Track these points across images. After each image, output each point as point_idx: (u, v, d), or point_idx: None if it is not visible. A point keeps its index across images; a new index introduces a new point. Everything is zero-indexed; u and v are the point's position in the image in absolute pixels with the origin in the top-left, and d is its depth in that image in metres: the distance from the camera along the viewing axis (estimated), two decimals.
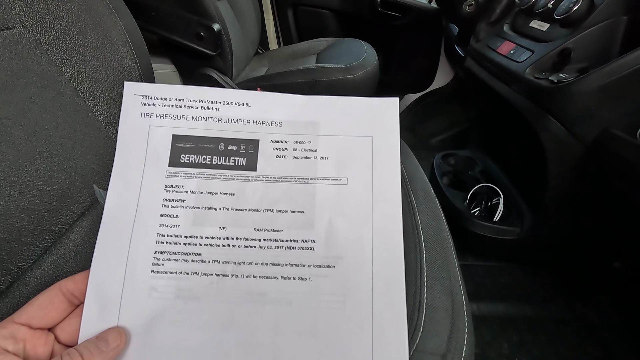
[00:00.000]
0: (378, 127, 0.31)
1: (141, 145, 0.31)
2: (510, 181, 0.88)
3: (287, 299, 0.27)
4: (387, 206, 0.29)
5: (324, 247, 0.28)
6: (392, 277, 0.27)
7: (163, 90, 0.33)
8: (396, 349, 0.25)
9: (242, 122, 0.31)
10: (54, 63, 0.47)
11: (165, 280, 0.27)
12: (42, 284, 0.40)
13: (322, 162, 0.30)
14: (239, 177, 0.30)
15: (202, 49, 0.98)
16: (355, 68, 1.06)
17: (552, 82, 0.58)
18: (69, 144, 0.47)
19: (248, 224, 0.28)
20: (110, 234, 0.29)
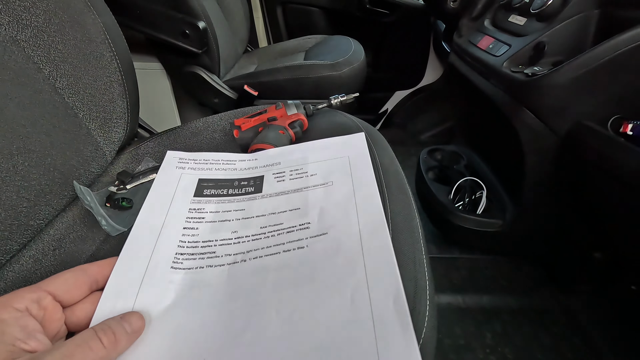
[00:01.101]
0: (352, 150, 0.42)
1: (172, 185, 0.40)
2: (493, 174, 0.89)
3: (287, 264, 0.31)
4: (365, 189, 0.37)
5: (317, 224, 0.34)
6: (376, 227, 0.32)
7: (195, 155, 0.45)
8: (389, 278, 0.28)
9: (252, 169, 0.42)
10: (31, 60, 0.48)
11: (182, 275, 0.31)
12: (20, 278, 0.41)
13: (312, 177, 0.39)
14: (249, 198, 0.38)
15: (188, 47, 0.98)
16: (341, 65, 1.07)
17: (527, 76, 0.59)
18: (47, 141, 0.47)
19: (255, 226, 0.34)
20: (138, 237, 0.34)
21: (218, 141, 0.59)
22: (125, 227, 0.47)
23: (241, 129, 0.54)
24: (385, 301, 0.27)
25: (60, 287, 0.26)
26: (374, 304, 0.27)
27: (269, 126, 0.52)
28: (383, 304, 0.27)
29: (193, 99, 1.20)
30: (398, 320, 0.25)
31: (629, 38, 0.52)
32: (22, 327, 0.22)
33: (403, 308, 0.26)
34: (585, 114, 0.56)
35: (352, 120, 0.60)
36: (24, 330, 0.22)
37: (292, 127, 0.52)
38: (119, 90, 0.59)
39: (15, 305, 0.23)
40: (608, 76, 0.53)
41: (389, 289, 0.28)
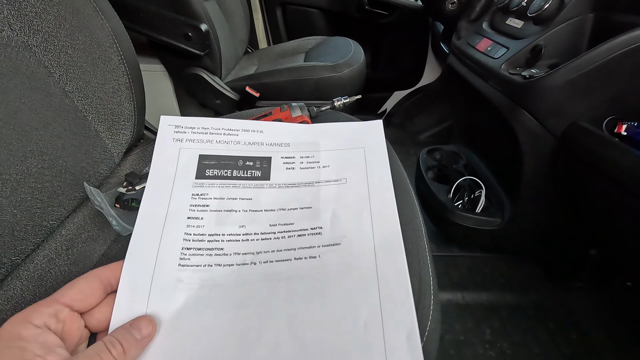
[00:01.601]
0: (368, 141, 0.39)
1: (172, 164, 0.36)
2: (492, 174, 0.91)
3: (299, 275, 0.30)
4: (382, 194, 0.35)
5: (329, 230, 0.33)
6: (392, 246, 0.31)
7: (191, 121, 0.39)
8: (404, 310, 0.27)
9: (257, 144, 0.38)
10: (42, 64, 0.49)
11: (190, 273, 0.30)
12: (35, 277, 0.42)
13: (325, 170, 0.37)
14: (255, 185, 0.35)
15: (190, 49, 0.99)
16: (341, 66, 1.09)
17: (524, 78, 0.60)
18: (59, 143, 0.48)
19: (264, 221, 0.33)
20: (142, 232, 0.32)
21: None
22: None
23: None
24: (398, 335, 0.26)
25: (76, 297, 0.26)
26: (387, 337, 0.26)
27: None
28: (396, 338, 0.26)
29: (195, 100, 1.21)
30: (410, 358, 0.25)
31: (622, 41, 0.53)
32: (42, 343, 0.22)
33: (416, 345, 0.26)
34: (581, 115, 0.58)
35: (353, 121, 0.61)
36: (44, 346, 0.22)
37: None
38: (127, 93, 0.60)
39: (34, 322, 0.23)
40: (603, 78, 0.54)
41: (403, 322, 0.27)
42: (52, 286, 0.40)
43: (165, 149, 0.37)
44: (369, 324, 0.27)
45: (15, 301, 0.39)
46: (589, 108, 0.58)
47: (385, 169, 0.37)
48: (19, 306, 0.38)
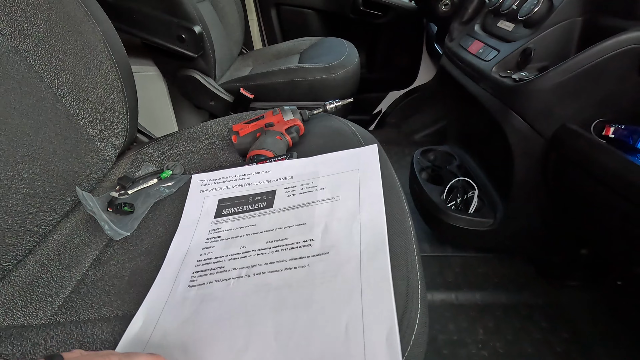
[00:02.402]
0: (362, 163, 0.43)
1: (197, 210, 0.44)
2: (484, 174, 0.92)
3: (288, 284, 0.32)
4: (372, 205, 0.37)
5: (320, 242, 0.35)
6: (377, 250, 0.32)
7: (215, 174, 0.49)
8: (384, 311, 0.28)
9: (266, 182, 0.45)
10: (33, 69, 0.49)
11: (195, 291, 0.33)
12: (27, 282, 0.42)
13: (321, 191, 0.41)
14: (260, 213, 0.40)
15: (184, 51, 0.99)
16: (335, 67, 1.09)
17: (515, 81, 0.61)
18: (50, 148, 0.48)
19: (262, 240, 0.37)
20: (168, 266, 0.38)
21: (216, 146, 0.61)
22: (128, 231, 0.48)
23: (239, 135, 0.55)
24: (378, 336, 0.26)
25: None
26: (367, 338, 0.26)
27: (267, 132, 0.53)
28: (376, 338, 0.26)
29: (189, 102, 1.21)
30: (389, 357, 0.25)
31: (610, 45, 0.54)
32: None
33: (395, 346, 0.25)
34: (570, 118, 0.59)
35: (346, 124, 0.62)
36: None
37: (289, 132, 0.54)
38: (119, 97, 0.60)
39: None
40: (591, 81, 0.55)
41: (382, 324, 0.27)
42: (43, 291, 0.41)
43: (194, 199, 0.46)
44: (349, 326, 0.27)
45: (7, 307, 0.39)
46: (577, 111, 0.58)
47: (377, 184, 0.39)
48: (10, 312, 0.38)
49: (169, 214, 0.49)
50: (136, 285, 0.39)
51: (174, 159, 0.60)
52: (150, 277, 0.39)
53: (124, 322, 0.34)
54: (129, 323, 0.33)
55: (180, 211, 0.48)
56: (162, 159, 0.61)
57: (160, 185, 0.54)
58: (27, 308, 0.39)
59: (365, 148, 0.45)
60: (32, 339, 0.33)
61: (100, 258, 0.45)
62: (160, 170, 0.57)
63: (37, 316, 0.38)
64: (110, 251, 0.46)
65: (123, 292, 0.39)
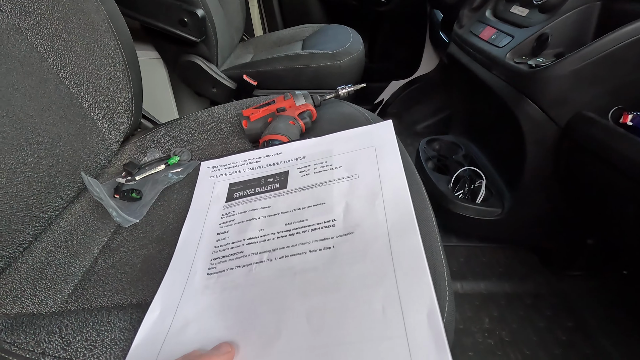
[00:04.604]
0: (378, 140, 0.41)
1: (207, 195, 0.43)
2: (492, 164, 0.91)
3: (314, 266, 0.30)
4: (394, 181, 0.36)
5: (343, 222, 0.33)
6: (406, 227, 0.31)
7: (224, 160, 0.47)
8: (422, 289, 0.26)
9: (277, 164, 0.43)
10: (35, 49, 0.47)
11: (215, 279, 0.32)
12: (35, 270, 0.41)
13: (337, 170, 0.39)
14: (274, 194, 0.39)
15: (186, 36, 0.96)
16: (340, 54, 1.07)
17: (530, 67, 0.60)
18: (54, 131, 0.47)
19: (280, 222, 0.35)
20: (181, 253, 0.36)
21: (225, 132, 0.59)
22: (137, 218, 0.47)
23: (250, 120, 0.54)
24: (418, 316, 0.25)
25: None
26: (407, 319, 0.25)
27: (279, 117, 0.52)
28: (416, 318, 0.25)
29: (190, 89, 1.18)
30: (433, 339, 0.23)
31: (629, 31, 0.53)
32: None
33: (437, 325, 0.24)
34: (586, 105, 0.58)
35: (359, 110, 0.60)
36: None
37: (302, 117, 0.53)
38: (123, 81, 0.58)
39: None
40: (609, 68, 0.54)
41: (422, 302, 0.26)
42: (52, 279, 0.39)
43: (203, 186, 0.44)
44: (386, 307, 0.26)
45: (15, 294, 0.38)
46: (594, 98, 0.57)
47: (396, 160, 0.38)
48: (19, 300, 0.37)
49: (178, 201, 0.48)
50: (149, 272, 0.38)
51: (180, 145, 0.59)
52: (163, 265, 0.38)
53: (140, 310, 0.33)
54: (145, 311, 0.31)
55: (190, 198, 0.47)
56: (168, 145, 0.59)
57: (168, 171, 0.53)
58: (35, 296, 0.37)
59: (380, 124, 0.43)
60: (46, 327, 0.31)
61: (110, 245, 0.43)
62: (167, 157, 0.56)
63: (47, 304, 0.37)
64: (119, 238, 0.44)
65: (136, 280, 0.38)
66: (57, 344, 0.30)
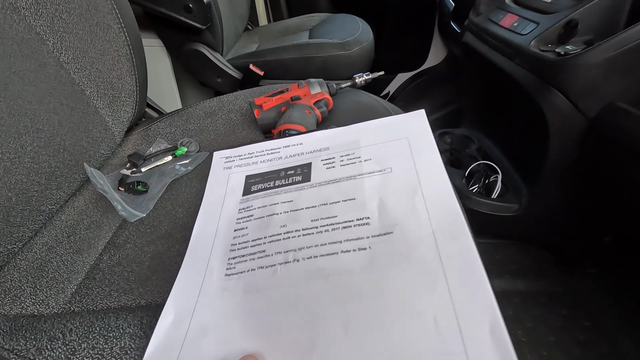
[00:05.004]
0: (411, 131, 0.37)
1: (222, 188, 0.39)
2: (508, 158, 0.88)
3: (348, 269, 0.27)
4: (434, 178, 0.32)
5: (378, 220, 0.30)
6: (454, 228, 0.28)
7: (239, 150, 0.43)
8: (481, 297, 0.23)
9: (298, 155, 0.40)
10: (34, 30, 0.43)
11: (235, 280, 0.29)
12: (35, 267, 0.38)
13: (367, 163, 0.36)
14: (296, 188, 0.36)
15: (191, 22, 0.92)
16: (350, 44, 1.03)
17: (559, 55, 0.56)
18: (55, 119, 0.44)
19: (305, 218, 0.32)
20: (195, 250, 0.33)
21: (235, 122, 0.56)
22: (143, 212, 0.44)
23: (262, 109, 0.51)
24: (479, 330, 0.22)
25: None
26: (466, 333, 0.22)
27: (294, 105, 0.49)
28: (477, 333, 0.22)
29: (194, 79, 1.15)
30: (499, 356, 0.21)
31: None
32: None
33: (503, 339, 0.21)
34: (618, 95, 0.55)
35: (376, 100, 0.57)
36: None
37: (318, 106, 0.50)
38: (127, 66, 0.55)
39: None
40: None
41: (482, 313, 0.22)
42: (54, 277, 0.37)
43: (217, 177, 0.41)
44: (439, 318, 0.23)
45: (14, 293, 0.35)
46: (627, 88, 0.54)
47: (434, 154, 0.34)
48: (18, 299, 0.35)
49: (187, 194, 0.45)
50: (158, 271, 0.36)
51: (188, 136, 0.56)
52: (173, 263, 0.36)
53: (150, 313, 0.30)
54: (155, 314, 0.29)
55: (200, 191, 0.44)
56: (175, 136, 0.57)
57: (175, 163, 0.50)
58: (36, 295, 0.35)
59: (412, 114, 0.39)
60: (48, 332, 0.29)
61: (115, 241, 0.41)
62: (174, 147, 0.53)
63: (49, 305, 0.34)
64: (125, 233, 0.42)
65: (144, 279, 0.35)
66: (60, 352, 0.27)
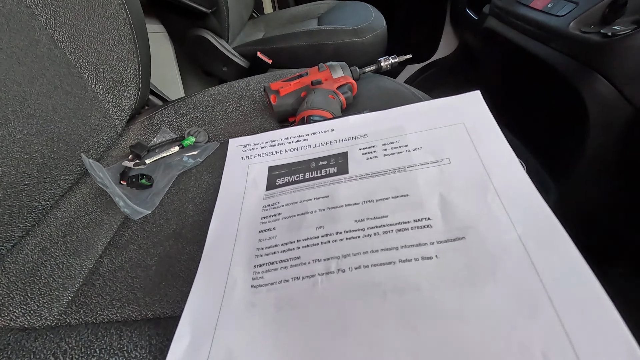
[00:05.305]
0: (467, 115, 0.32)
1: (241, 181, 0.35)
2: (533, 152, 0.83)
3: (413, 284, 0.22)
4: (507, 170, 0.27)
5: (442, 222, 0.25)
6: (547, 233, 0.23)
7: (259, 137, 0.39)
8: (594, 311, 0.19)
9: (330, 144, 0.35)
10: (24, 3, 0.38)
11: (264, 294, 0.24)
12: (26, 272, 0.33)
13: (417, 152, 0.31)
14: (332, 181, 0.31)
15: (196, 6, 0.87)
16: (364, 30, 0.98)
17: (605, 36, 0.51)
18: (48, 104, 0.39)
19: (346, 218, 0.27)
20: (211, 256, 0.29)
21: (247, 109, 0.51)
22: (149, 209, 0.39)
23: (279, 94, 0.45)
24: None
25: None
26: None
27: (315, 90, 0.44)
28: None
29: (198, 68, 1.10)
30: None
31: None
32: None
33: None
34: None
35: (403, 86, 0.52)
36: None
37: (342, 91, 0.45)
38: (129, 47, 0.50)
39: None
40: None
41: (611, 349, 0.17)
42: (47, 283, 0.32)
43: (234, 169, 0.36)
44: (550, 354, 0.18)
45: (1, 302, 0.30)
46: None
47: (502, 142, 0.29)
48: (6, 309, 0.30)
49: (197, 189, 0.40)
50: (167, 277, 0.31)
51: (195, 125, 0.51)
52: (184, 268, 0.31)
53: (159, 329, 0.26)
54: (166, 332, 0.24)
55: (212, 186, 0.39)
56: (181, 125, 0.52)
57: (182, 154, 0.45)
58: (27, 305, 0.30)
59: (466, 95, 0.34)
60: (38, 353, 0.24)
61: (117, 241, 0.36)
62: (181, 138, 0.48)
63: (41, 315, 0.29)
64: (128, 233, 0.37)
65: (151, 286, 0.30)
66: None
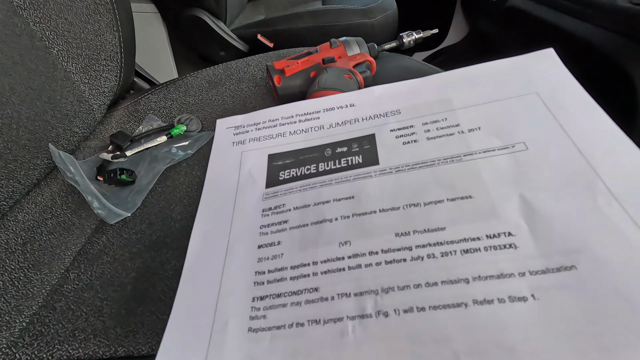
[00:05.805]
0: (540, 81, 0.25)
1: (232, 174, 0.27)
2: None
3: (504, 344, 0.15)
4: (618, 158, 0.19)
5: (532, 239, 0.17)
6: None
7: (255, 116, 0.31)
8: None
9: (349, 123, 0.27)
10: None
11: (268, 342, 0.17)
12: None
13: (474, 135, 0.23)
14: (357, 176, 0.23)
15: None
16: (374, 11, 0.90)
17: None
18: (5, 83, 0.32)
19: (383, 230, 0.19)
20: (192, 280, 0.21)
21: (247, 93, 0.44)
22: (128, 211, 0.33)
23: (284, 74, 0.38)
24: None
25: None
26: None
27: (328, 69, 0.37)
28: None
29: (193, 51, 1.02)
30: None
31: None
32: None
33: None
34: None
35: (427, 66, 0.45)
36: None
37: (360, 70, 0.38)
38: (108, 19, 0.43)
39: None
40: None
41: None
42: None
43: (222, 158, 0.29)
44: None
45: None
46: None
47: (601, 117, 0.21)
48: None
49: (187, 186, 0.34)
50: (145, 300, 0.25)
51: (187, 111, 0.45)
52: (167, 288, 0.25)
53: None
54: None
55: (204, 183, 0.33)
56: (171, 111, 0.45)
57: (170, 145, 0.39)
58: None
59: (536, 54, 0.26)
60: None
61: (88, 251, 0.30)
62: (169, 126, 0.42)
63: None
64: (102, 241, 0.31)
65: (125, 313, 0.24)
66: None
